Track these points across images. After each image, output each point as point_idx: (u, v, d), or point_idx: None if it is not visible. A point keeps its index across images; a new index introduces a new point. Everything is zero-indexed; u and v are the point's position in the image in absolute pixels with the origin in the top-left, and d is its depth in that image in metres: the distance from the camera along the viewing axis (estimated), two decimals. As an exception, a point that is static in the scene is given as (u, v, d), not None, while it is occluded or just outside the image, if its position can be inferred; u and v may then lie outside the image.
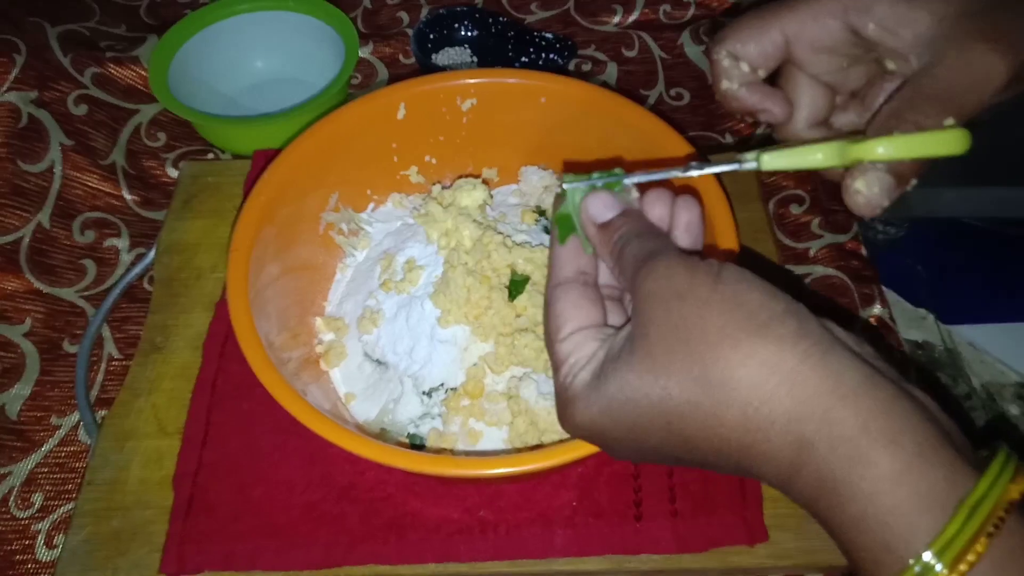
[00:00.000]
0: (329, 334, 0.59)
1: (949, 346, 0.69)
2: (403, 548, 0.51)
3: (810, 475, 0.31)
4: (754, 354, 0.31)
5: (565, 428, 0.38)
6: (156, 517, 0.53)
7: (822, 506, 0.31)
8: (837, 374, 0.31)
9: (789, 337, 0.32)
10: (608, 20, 0.90)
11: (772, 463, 0.32)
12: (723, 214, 0.51)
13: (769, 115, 0.46)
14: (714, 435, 0.33)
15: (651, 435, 0.34)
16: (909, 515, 0.29)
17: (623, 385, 0.34)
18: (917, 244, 0.76)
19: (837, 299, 0.67)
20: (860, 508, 0.30)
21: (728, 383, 0.32)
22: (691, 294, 0.33)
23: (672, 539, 0.51)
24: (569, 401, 0.36)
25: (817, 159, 0.38)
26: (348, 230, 0.62)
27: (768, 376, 0.31)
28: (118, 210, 0.74)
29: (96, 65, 0.78)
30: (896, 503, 0.29)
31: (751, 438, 0.32)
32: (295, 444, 0.55)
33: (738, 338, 0.32)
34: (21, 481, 0.60)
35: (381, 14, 0.92)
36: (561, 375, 0.37)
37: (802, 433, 0.31)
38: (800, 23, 0.43)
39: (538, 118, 0.62)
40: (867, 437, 0.30)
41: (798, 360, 0.31)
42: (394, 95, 0.60)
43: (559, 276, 0.40)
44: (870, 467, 0.29)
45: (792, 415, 0.31)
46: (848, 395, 0.31)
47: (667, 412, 0.33)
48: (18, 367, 0.64)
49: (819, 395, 0.31)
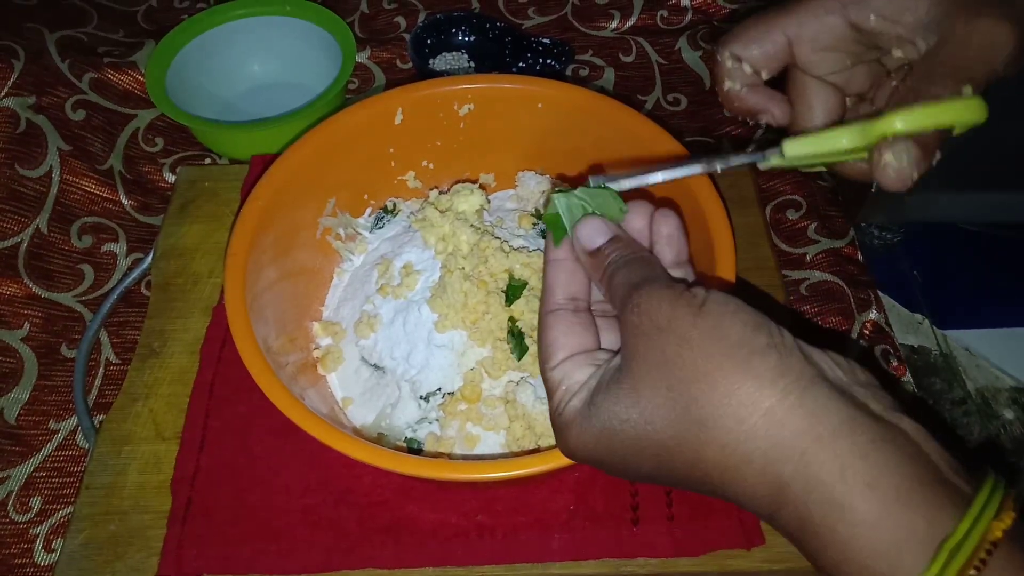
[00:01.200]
0: (326, 339, 0.59)
1: (945, 351, 0.69)
2: (400, 552, 0.51)
3: (790, 515, 0.31)
4: (732, 393, 0.31)
5: (563, 453, 0.38)
6: (154, 521, 0.53)
7: (805, 546, 0.31)
8: (814, 414, 0.31)
9: (768, 374, 0.31)
10: (605, 25, 0.90)
11: (752, 500, 0.32)
12: (719, 221, 0.51)
13: (770, 117, 0.46)
14: (697, 470, 0.33)
15: (643, 464, 0.35)
16: (889, 559, 0.29)
17: (612, 416, 0.34)
18: (913, 249, 0.76)
19: (833, 304, 0.68)
20: (839, 552, 0.30)
21: (707, 422, 0.32)
22: (672, 329, 0.33)
23: (669, 543, 0.51)
24: (564, 427, 0.37)
25: (842, 143, 0.38)
26: (345, 235, 0.62)
27: (746, 415, 0.31)
28: (116, 215, 0.74)
29: (94, 70, 0.79)
30: (875, 547, 0.29)
31: (729, 476, 0.32)
32: (292, 448, 0.55)
33: (715, 378, 0.32)
34: (20, 485, 0.60)
35: (378, 19, 0.92)
36: (554, 402, 0.38)
37: (780, 474, 0.31)
38: (801, 23, 0.43)
39: (535, 123, 0.62)
40: (843, 483, 0.29)
41: (777, 399, 0.31)
42: (391, 100, 0.60)
43: (550, 303, 0.40)
44: (847, 512, 0.29)
45: (769, 456, 0.31)
46: (825, 437, 0.30)
47: (654, 445, 0.33)
48: (16, 372, 0.65)
49: (796, 436, 0.30)
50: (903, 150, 0.37)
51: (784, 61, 0.45)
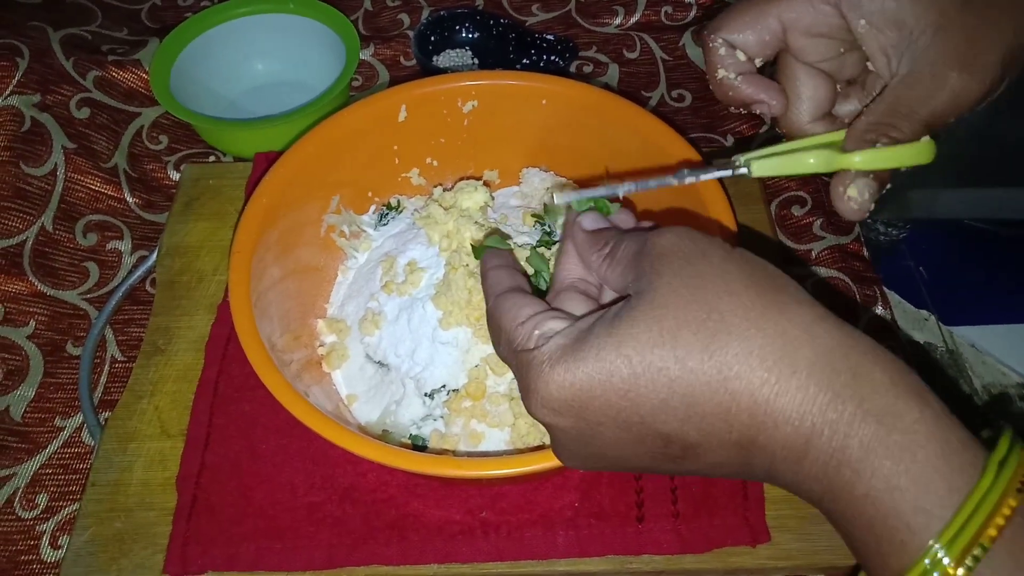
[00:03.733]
0: (331, 336, 0.59)
1: (951, 347, 0.69)
2: (405, 549, 0.51)
3: (824, 449, 0.29)
4: (784, 307, 0.31)
5: (536, 410, 0.33)
6: (159, 518, 0.54)
7: (835, 483, 0.30)
8: (853, 334, 0.31)
9: (807, 299, 0.32)
10: (609, 21, 0.90)
11: (785, 427, 0.30)
12: (725, 218, 0.51)
13: (764, 107, 0.45)
14: (730, 414, 0.30)
15: (664, 419, 0.31)
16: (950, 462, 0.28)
17: (623, 338, 0.31)
18: (919, 246, 0.76)
19: (839, 300, 0.67)
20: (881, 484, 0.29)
21: (754, 352, 0.30)
22: (707, 259, 0.33)
23: (674, 540, 0.51)
24: (537, 367, 0.32)
25: (809, 164, 0.40)
26: (349, 232, 0.62)
27: (797, 342, 0.30)
28: (120, 213, 0.74)
29: (98, 68, 0.79)
30: (936, 451, 0.29)
31: (768, 392, 0.30)
32: (297, 446, 0.55)
33: (763, 288, 0.32)
34: (26, 482, 0.60)
35: (382, 16, 0.92)
36: (529, 345, 0.34)
37: (829, 382, 0.30)
38: (795, 8, 0.43)
39: (539, 120, 0.62)
40: (896, 392, 0.30)
41: (819, 316, 0.31)
42: (395, 97, 0.60)
43: (499, 290, 0.39)
44: (899, 419, 0.29)
45: (815, 365, 0.30)
46: (868, 352, 0.31)
47: (682, 391, 0.31)
48: (22, 369, 0.65)
49: (842, 348, 0.30)
50: (864, 186, 0.39)
51: (777, 48, 0.45)
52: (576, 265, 0.40)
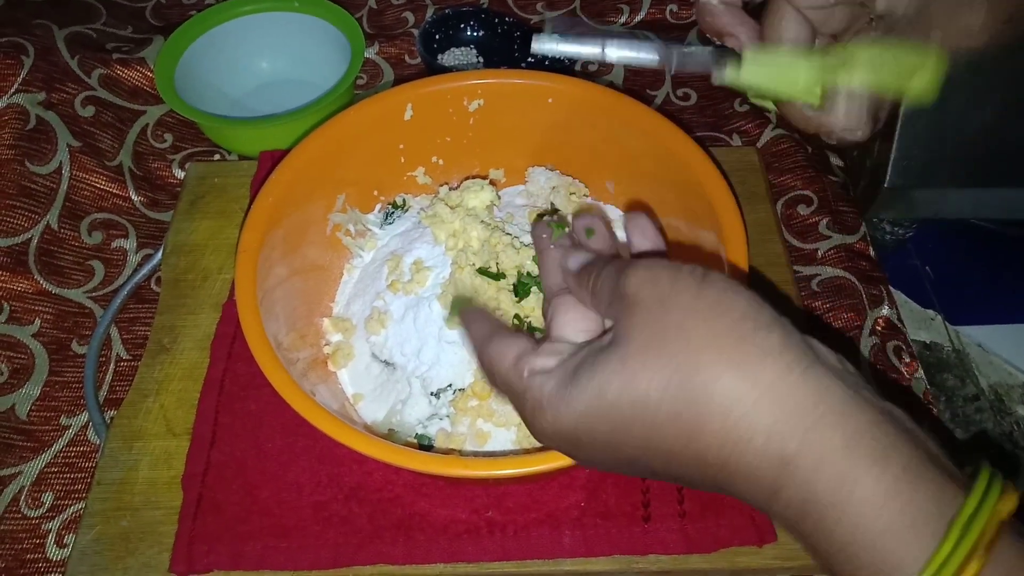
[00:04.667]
0: (337, 335, 0.59)
1: (957, 347, 0.69)
2: (411, 548, 0.51)
3: (792, 496, 0.30)
4: (736, 365, 0.30)
5: (536, 436, 0.36)
6: (165, 517, 0.54)
7: (806, 529, 0.30)
8: (819, 391, 0.30)
9: (773, 349, 0.31)
10: (615, 20, 0.90)
11: (751, 480, 0.31)
12: (732, 217, 0.51)
13: (735, 42, 0.45)
14: (691, 449, 0.31)
15: (627, 444, 0.33)
16: (899, 537, 0.28)
17: (601, 392, 0.32)
18: (925, 245, 0.76)
19: (845, 300, 0.67)
20: (847, 532, 0.29)
21: (708, 393, 0.30)
22: (674, 300, 0.32)
23: (680, 540, 0.51)
24: (538, 407, 0.35)
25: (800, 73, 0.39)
26: (355, 231, 0.62)
27: (750, 388, 0.30)
28: (125, 211, 0.74)
29: (103, 67, 0.79)
30: (885, 526, 0.28)
31: (728, 451, 0.30)
32: (303, 445, 0.55)
33: (720, 346, 0.31)
34: (31, 481, 0.60)
35: (386, 14, 0.92)
36: (523, 386, 0.36)
37: (783, 450, 0.29)
38: None
39: (545, 119, 0.62)
40: (850, 459, 0.29)
41: (781, 373, 0.30)
42: (401, 96, 0.60)
43: (482, 337, 0.39)
44: (857, 487, 0.28)
45: (773, 431, 0.30)
46: (830, 413, 0.30)
47: (646, 422, 0.32)
48: (27, 367, 0.65)
49: (801, 411, 0.30)
50: (858, 94, 0.38)
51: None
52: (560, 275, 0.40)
